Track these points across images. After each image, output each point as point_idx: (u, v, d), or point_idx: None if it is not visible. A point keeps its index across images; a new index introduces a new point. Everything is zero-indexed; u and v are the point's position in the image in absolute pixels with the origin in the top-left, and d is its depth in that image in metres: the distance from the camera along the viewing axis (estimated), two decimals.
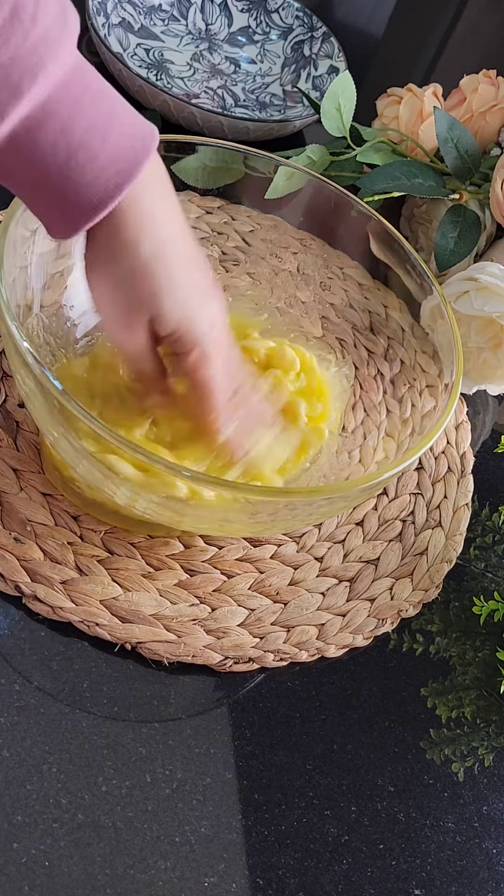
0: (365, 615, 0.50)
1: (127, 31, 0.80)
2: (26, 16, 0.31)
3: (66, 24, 0.33)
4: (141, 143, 0.35)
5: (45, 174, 0.35)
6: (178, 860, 0.40)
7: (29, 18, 0.31)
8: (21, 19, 0.31)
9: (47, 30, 0.32)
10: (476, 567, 0.55)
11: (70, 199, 0.35)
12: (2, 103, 0.32)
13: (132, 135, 0.35)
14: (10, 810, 0.39)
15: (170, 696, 0.44)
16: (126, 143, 0.35)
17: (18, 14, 0.31)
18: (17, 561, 0.45)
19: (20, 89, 0.32)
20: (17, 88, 0.32)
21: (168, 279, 0.38)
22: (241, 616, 0.48)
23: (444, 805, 0.45)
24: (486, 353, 0.58)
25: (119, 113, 0.35)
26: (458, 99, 0.70)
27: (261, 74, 0.85)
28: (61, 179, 0.35)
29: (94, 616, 0.45)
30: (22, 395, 0.42)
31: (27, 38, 0.32)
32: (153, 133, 0.36)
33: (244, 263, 0.60)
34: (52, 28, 0.32)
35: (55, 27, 0.32)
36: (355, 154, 0.65)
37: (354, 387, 0.56)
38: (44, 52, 0.32)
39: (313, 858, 0.41)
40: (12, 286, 0.42)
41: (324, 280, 0.59)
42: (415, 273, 0.52)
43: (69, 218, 0.36)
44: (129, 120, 0.36)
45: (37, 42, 0.32)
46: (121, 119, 0.35)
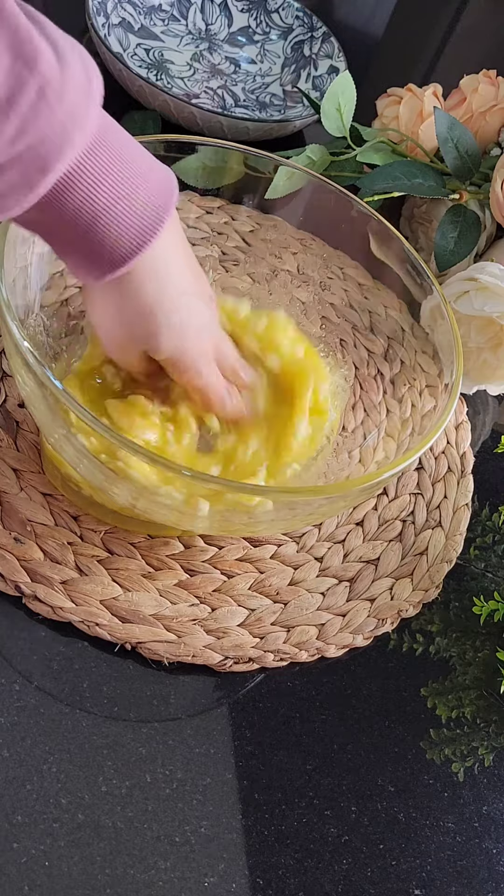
0: (365, 615, 0.50)
1: (127, 31, 0.80)
2: (53, 95, 0.31)
3: (91, 92, 0.33)
4: (163, 201, 0.37)
5: (70, 234, 0.36)
6: (178, 860, 0.40)
7: (55, 97, 0.31)
8: (48, 99, 0.31)
9: (73, 104, 0.32)
10: (476, 567, 0.55)
11: (92, 256, 0.37)
12: (30, 180, 0.33)
13: (154, 193, 0.37)
14: (10, 810, 0.39)
15: (170, 696, 0.44)
16: (149, 204, 0.36)
17: (45, 95, 0.31)
18: (17, 561, 0.45)
19: (47, 167, 0.33)
20: (45, 166, 0.32)
21: (167, 321, 0.40)
22: (241, 616, 0.48)
23: (444, 805, 0.45)
24: (486, 353, 0.58)
25: (142, 171, 0.36)
26: (458, 99, 0.70)
27: (261, 74, 0.85)
28: (85, 240, 0.36)
29: (94, 616, 0.45)
30: (22, 395, 0.42)
31: (54, 117, 0.32)
32: (172, 189, 0.38)
33: (244, 263, 0.60)
34: (78, 100, 0.32)
35: (80, 98, 0.32)
36: (355, 154, 0.65)
37: (354, 387, 0.56)
38: (70, 128, 0.32)
39: (313, 858, 0.41)
40: (12, 286, 0.42)
41: (324, 280, 0.59)
42: (415, 273, 0.52)
43: (89, 271, 0.38)
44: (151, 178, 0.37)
45: (64, 119, 0.32)
46: (144, 178, 0.36)
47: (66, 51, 0.32)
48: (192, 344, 0.42)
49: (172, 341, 0.41)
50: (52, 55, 0.31)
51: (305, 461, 0.51)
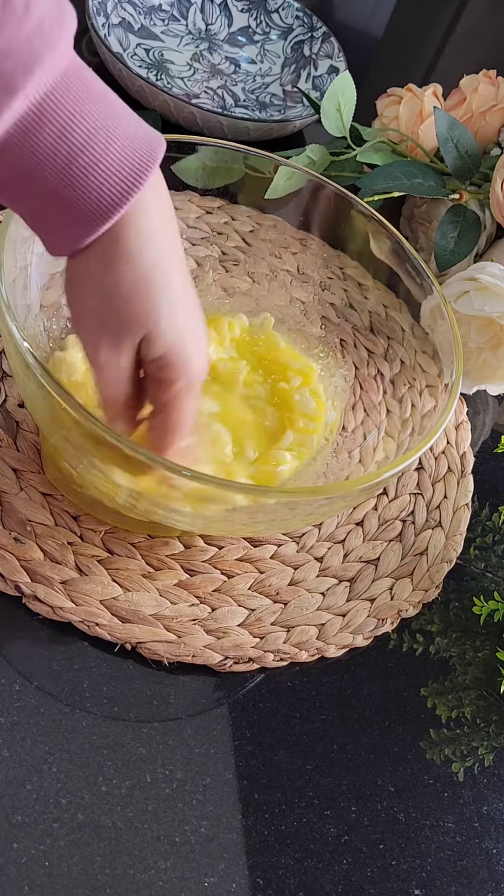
0: (365, 615, 0.50)
1: (127, 31, 0.80)
2: (19, 5, 0.28)
3: (63, 18, 0.30)
4: (148, 147, 0.33)
5: (43, 181, 0.32)
6: (178, 860, 0.40)
7: (22, 8, 0.28)
8: (13, 8, 0.28)
9: (42, 21, 0.29)
10: (476, 567, 0.55)
11: (70, 209, 0.32)
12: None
13: (137, 138, 0.33)
14: (10, 810, 0.39)
15: (170, 696, 0.44)
16: (131, 148, 0.32)
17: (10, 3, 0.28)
18: (17, 561, 0.45)
19: (14, 84, 0.29)
20: (12, 84, 0.29)
21: (169, 297, 0.35)
22: (241, 616, 0.48)
23: (444, 805, 0.45)
24: (486, 353, 0.58)
25: (123, 114, 0.33)
26: (458, 99, 0.70)
27: (261, 74, 0.85)
28: (62, 185, 0.32)
29: (94, 616, 0.45)
30: (22, 395, 0.42)
31: (20, 30, 0.29)
32: (159, 139, 0.34)
33: (244, 263, 0.60)
34: (48, 19, 0.29)
35: (51, 19, 0.29)
36: (355, 154, 0.65)
37: (354, 387, 0.56)
38: (39, 45, 0.29)
39: (313, 858, 0.41)
40: (12, 286, 0.42)
41: (324, 280, 0.59)
42: (415, 273, 0.52)
43: (70, 231, 0.33)
44: (133, 123, 0.33)
45: (31, 34, 0.29)
46: (125, 121, 0.33)
47: None
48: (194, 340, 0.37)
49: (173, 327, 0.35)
50: None
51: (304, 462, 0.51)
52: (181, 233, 0.59)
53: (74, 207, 0.32)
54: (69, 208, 0.32)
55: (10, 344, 0.39)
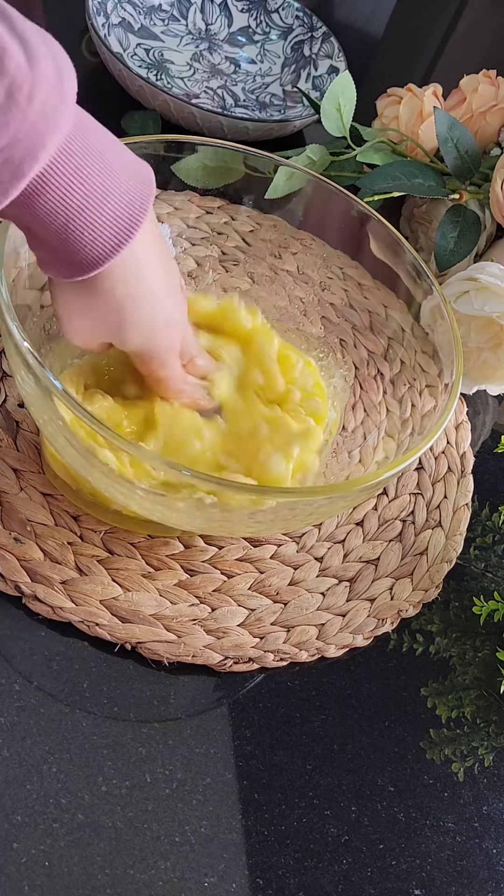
0: (365, 615, 0.50)
1: (127, 31, 0.80)
2: (22, 96, 0.30)
3: (63, 91, 0.32)
4: (139, 202, 0.36)
5: (43, 233, 0.35)
6: (178, 860, 0.40)
7: (25, 98, 0.30)
8: (17, 101, 0.30)
9: (45, 104, 0.31)
10: (476, 567, 0.55)
11: (66, 256, 0.36)
12: (4, 184, 0.32)
13: (130, 194, 0.36)
14: (10, 810, 0.39)
15: (170, 696, 0.44)
16: (124, 205, 0.35)
17: (14, 96, 0.30)
18: (17, 561, 0.45)
19: (22, 171, 0.32)
20: (19, 170, 0.32)
21: (135, 317, 0.40)
22: (241, 616, 0.48)
23: (444, 805, 0.45)
24: (486, 353, 0.58)
25: (117, 171, 0.35)
26: (458, 99, 0.70)
27: (261, 74, 0.85)
28: (58, 240, 0.35)
29: (94, 616, 0.45)
30: (22, 395, 0.42)
31: (26, 119, 0.31)
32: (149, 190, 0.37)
33: (244, 263, 0.60)
34: (49, 100, 0.31)
35: (52, 98, 0.31)
36: (355, 154, 0.65)
37: (354, 387, 0.56)
38: (43, 129, 0.31)
39: (313, 858, 0.41)
40: (12, 286, 0.42)
41: (324, 280, 0.59)
42: (415, 273, 0.52)
43: (63, 270, 0.37)
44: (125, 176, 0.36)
45: (36, 120, 0.31)
46: (119, 177, 0.35)
47: (37, 49, 0.30)
48: (160, 339, 0.42)
49: (140, 337, 0.41)
50: (21, 54, 0.30)
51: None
52: (181, 233, 0.60)
53: (68, 257, 0.36)
54: (64, 256, 0.36)
55: (10, 344, 0.39)
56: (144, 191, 0.37)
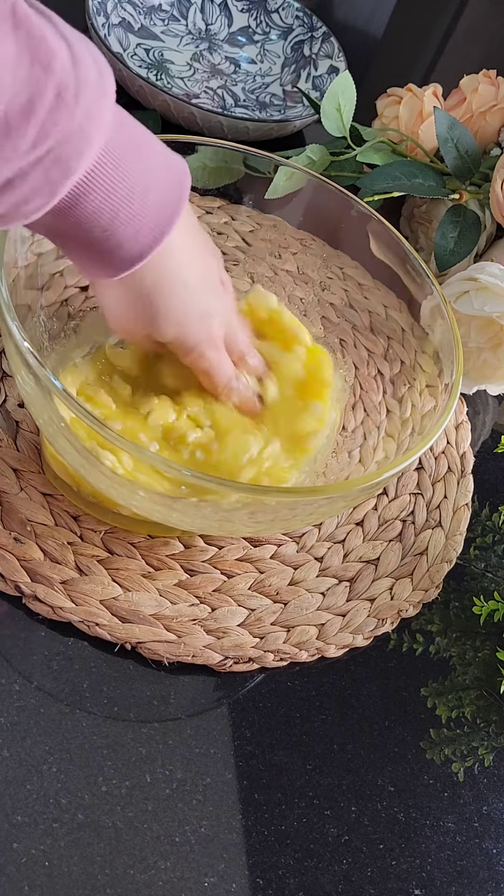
0: (365, 615, 0.50)
1: (127, 31, 0.80)
2: (69, 96, 0.31)
3: (104, 89, 0.33)
4: (177, 195, 0.37)
5: (89, 233, 0.36)
6: (178, 860, 0.40)
7: (72, 98, 0.31)
8: (66, 101, 0.31)
9: (89, 104, 0.32)
10: (476, 567, 0.55)
11: (110, 253, 0.37)
12: (53, 184, 0.32)
13: (168, 185, 0.37)
14: (10, 810, 0.39)
15: (170, 696, 0.44)
16: (164, 196, 0.36)
17: (63, 96, 0.31)
18: (17, 561, 0.45)
19: (70, 169, 0.32)
20: (68, 169, 0.32)
21: (166, 306, 0.40)
22: (241, 616, 0.48)
23: (444, 805, 0.45)
24: (486, 353, 0.58)
25: (157, 165, 0.36)
26: (458, 99, 0.70)
27: (261, 74, 0.85)
28: (103, 237, 0.36)
29: (94, 616, 0.45)
30: (22, 395, 0.42)
31: (73, 119, 0.31)
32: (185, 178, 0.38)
33: (244, 263, 0.60)
34: (94, 99, 0.32)
35: (96, 97, 0.32)
36: (355, 154, 0.65)
37: (354, 387, 0.56)
38: (88, 128, 0.32)
39: (313, 858, 0.41)
40: (12, 286, 0.42)
41: (324, 280, 0.59)
42: (415, 273, 0.52)
43: (108, 268, 0.38)
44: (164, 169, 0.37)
45: (82, 120, 0.32)
46: (159, 171, 0.36)
47: (78, 48, 0.31)
48: (195, 329, 0.42)
49: (173, 326, 0.42)
50: (67, 54, 0.31)
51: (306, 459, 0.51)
52: None
53: (112, 253, 0.37)
54: (107, 253, 0.37)
55: (10, 344, 0.39)
56: (181, 182, 0.38)
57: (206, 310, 0.42)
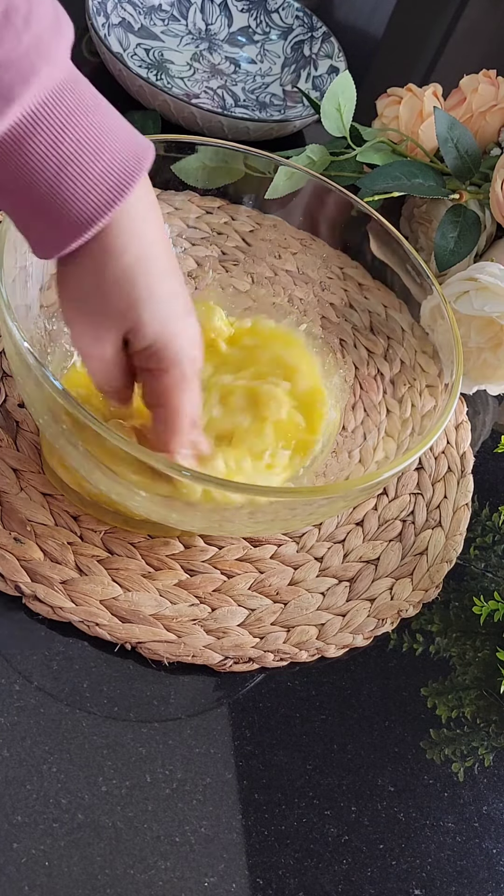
0: (365, 615, 0.50)
1: (127, 31, 0.80)
2: (18, 18, 0.30)
3: (60, 30, 0.32)
4: (135, 158, 0.34)
5: (33, 187, 0.33)
6: (178, 860, 0.40)
7: (22, 21, 0.30)
8: (13, 21, 0.30)
9: (40, 34, 0.31)
10: (476, 567, 0.55)
11: (58, 214, 0.33)
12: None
13: (126, 149, 0.34)
14: (10, 810, 0.39)
15: (170, 696, 0.44)
16: (119, 158, 0.34)
17: (10, 16, 0.30)
18: (17, 561, 0.45)
19: (11, 94, 0.31)
20: (9, 94, 0.31)
21: (149, 289, 0.36)
22: (241, 616, 0.48)
23: (444, 805, 0.45)
24: (486, 353, 0.58)
25: (114, 126, 0.34)
26: (458, 99, 0.70)
27: (261, 74, 0.85)
28: (50, 194, 0.33)
29: (94, 616, 0.45)
30: (22, 395, 0.42)
31: (20, 42, 0.30)
32: (147, 149, 0.35)
33: (244, 263, 0.60)
34: (46, 33, 0.31)
35: (49, 32, 0.31)
36: (355, 154, 0.65)
37: (354, 387, 0.56)
38: (36, 57, 0.31)
39: (313, 858, 0.41)
40: (12, 286, 0.42)
41: (324, 280, 0.59)
42: (415, 273, 0.52)
43: (56, 235, 0.34)
44: (123, 134, 0.34)
45: (29, 46, 0.31)
46: (115, 132, 0.34)
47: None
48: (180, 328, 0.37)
49: (156, 322, 0.36)
50: None
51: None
52: (181, 233, 0.60)
53: (61, 215, 0.33)
54: (56, 215, 0.34)
55: (10, 344, 0.39)
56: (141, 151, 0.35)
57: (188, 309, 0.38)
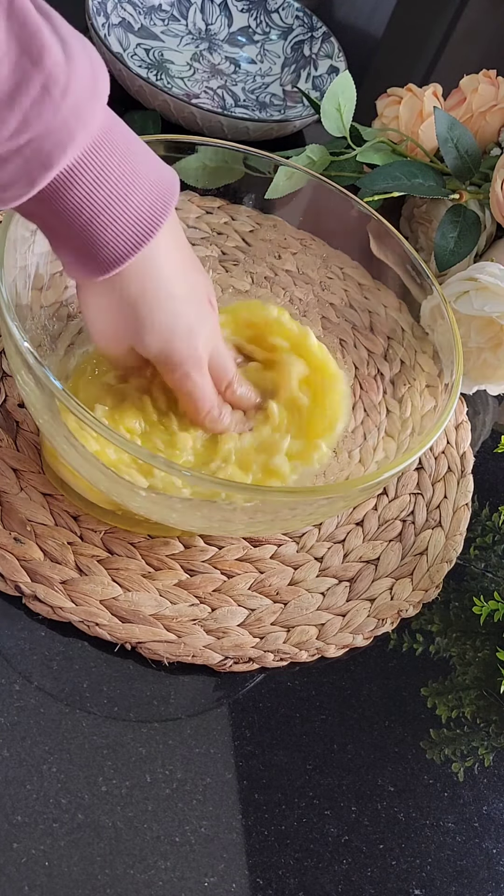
0: (365, 615, 0.50)
1: (127, 31, 0.80)
2: (57, 91, 0.31)
3: (97, 92, 0.33)
4: (161, 203, 0.37)
5: (67, 229, 0.36)
6: (178, 860, 0.40)
7: (60, 93, 0.31)
8: (52, 95, 0.31)
9: (78, 102, 0.32)
10: (476, 567, 0.55)
11: (87, 254, 0.37)
12: (31, 175, 0.33)
13: (153, 194, 0.37)
14: (10, 810, 0.39)
15: (170, 696, 0.44)
16: (147, 205, 0.36)
17: (50, 90, 0.31)
18: (17, 561, 0.45)
19: (50, 162, 0.33)
20: (48, 161, 0.33)
21: (151, 317, 0.40)
22: (241, 616, 0.48)
23: (444, 805, 0.45)
24: (486, 353, 0.58)
25: (142, 172, 0.37)
26: (458, 99, 0.70)
27: (261, 74, 0.85)
28: (81, 237, 0.36)
29: (94, 616, 0.45)
30: (22, 395, 0.42)
31: (58, 113, 0.32)
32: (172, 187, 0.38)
33: (244, 263, 0.60)
34: (83, 98, 0.32)
35: (86, 96, 0.32)
36: (355, 154, 0.65)
37: (354, 387, 0.56)
38: (74, 125, 0.32)
39: (313, 858, 0.41)
40: (12, 286, 0.42)
41: (324, 280, 0.59)
42: (415, 273, 0.52)
43: (90, 268, 0.37)
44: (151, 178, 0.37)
45: (67, 115, 0.32)
46: (144, 179, 0.37)
47: (75, 48, 0.32)
48: (181, 345, 0.41)
49: (158, 341, 0.41)
50: (60, 51, 0.31)
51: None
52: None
53: (90, 254, 0.37)
54: (85, 254, 0.37)
55: (10, 344, 0.39)
56: (167, 192, 0.37)
57: (192, 326, 0.41)
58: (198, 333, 0.42)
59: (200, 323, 0.42)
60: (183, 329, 0.41)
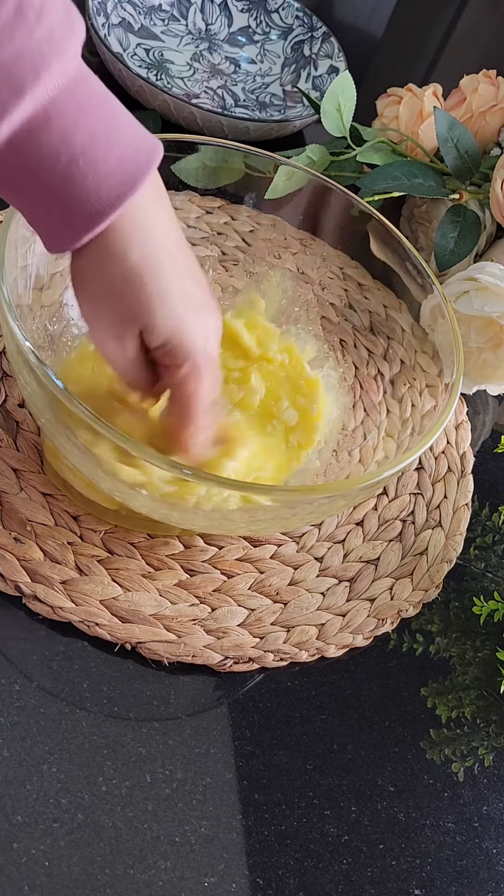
0: (365, 615, 0.50)
1: (127, 31, 0.80)
2: (31, 13, 0.31)
3: (72, 27, 0.32)
4: (145, 153, 0.34)
5: (46, 180, 0.33)
6: (178, 860, 0.40)
7: (34, 16, 0.31)
8: (26, 16, 0.31)
9: (52, 29, 0.32)
10: (476, 567, 0.55)
11: (69, 208, 0.34)
12: (3, 102, 0.31)
13: (136, 144, 0.34)
14: (10, 810, 0.39)
15: (170, 696, 0.44)
16: (130, 153, 0.34)
17: (24, 11, 0.31)
18: (17, 561, 0.45)
19: (23, 87, 0.31)
20: (20, 86, 0.31)
21: (159, 288, 0.36)
22: (241, 616, 0.48)
23: (444, 805, 0.45)
24: (486, 353, 0.58)
25: (123, 121, 0.35)
26: (458, 99, 0.70)
27: (261, 74, 0.85)
28: (62, 187, 0.33)
29: (94, 616, 0.45)
30: (23, 395, 0.42)
31: (31, 36, 0.31)
32: (157, 146, 0.35)
33: (244, 263, 0.60)
34: (58, 28, 0.32)
35: (60, 28, 0.32)
36: (355, 154, 0.65)
37: (354, 387, 0.56)
38: (48, 52, 0.32)
39: (313, 858, 0.41)
40: (13, 286, 0.42)
41: (324, 280, 0.59)
42: (415, 273, 0.52)
43: (67, 229, 0.34)
44: (133, 130, 0.35)
45: (41, 41, 0.31)
46: (125, 128, 0.34)
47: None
48: (195, 326, 0.37)
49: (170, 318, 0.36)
50: None
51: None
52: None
53: (72, 208, 0.34)
54: (67, 209, 0.34)
55: (11, 344, 0.39)
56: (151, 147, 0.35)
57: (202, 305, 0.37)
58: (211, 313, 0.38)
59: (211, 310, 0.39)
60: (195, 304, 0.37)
